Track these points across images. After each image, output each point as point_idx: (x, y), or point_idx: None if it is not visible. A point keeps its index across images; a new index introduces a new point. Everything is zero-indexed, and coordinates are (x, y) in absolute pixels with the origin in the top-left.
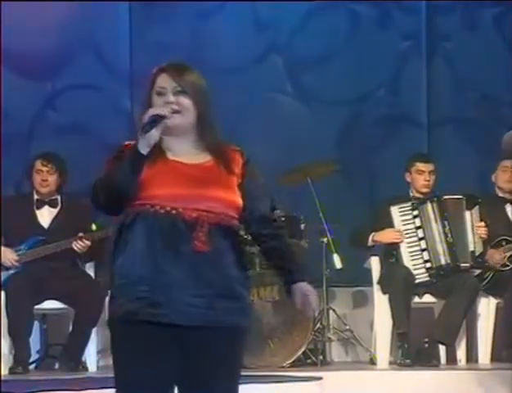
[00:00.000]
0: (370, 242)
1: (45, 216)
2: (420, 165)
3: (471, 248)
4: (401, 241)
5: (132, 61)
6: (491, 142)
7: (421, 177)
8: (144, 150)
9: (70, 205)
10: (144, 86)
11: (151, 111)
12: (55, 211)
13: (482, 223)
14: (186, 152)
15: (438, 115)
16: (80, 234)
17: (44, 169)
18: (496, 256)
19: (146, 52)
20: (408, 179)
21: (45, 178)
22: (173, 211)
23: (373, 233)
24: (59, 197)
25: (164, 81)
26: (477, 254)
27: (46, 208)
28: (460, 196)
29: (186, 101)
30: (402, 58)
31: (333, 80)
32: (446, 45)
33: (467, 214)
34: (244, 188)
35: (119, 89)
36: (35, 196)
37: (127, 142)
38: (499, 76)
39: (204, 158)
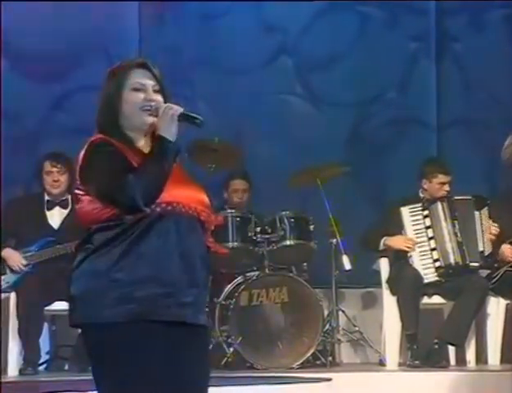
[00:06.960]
0: (381, 246)
1: (55, 217)
2: (442, 177)
3: (480, 248)
4: (413, 250)
5: None
6: (500, 143)
7: (441, 188)
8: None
9: None
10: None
11: (178, 108)
12: (65, 212)
13: (496, 225)
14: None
15: (448, 117)
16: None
17: (54, 169)
18: (508, 252)
19: (156, 53)
20: (424, 186)
21: (56, 179)
22: (191, 211)
23: (385, 237)
24: (69, 197)
25: (144, 77)
26: (486, 254)
27: (57, 209)
28: (469, 197)
29: (162, 100)
30: (411, 59)
31: (342, 82)
32: (455, 46)
33: (476, 214)
34: None
35: None
36: (46, 198)
37: (98, 139)
38: (508, 77)
39: None
